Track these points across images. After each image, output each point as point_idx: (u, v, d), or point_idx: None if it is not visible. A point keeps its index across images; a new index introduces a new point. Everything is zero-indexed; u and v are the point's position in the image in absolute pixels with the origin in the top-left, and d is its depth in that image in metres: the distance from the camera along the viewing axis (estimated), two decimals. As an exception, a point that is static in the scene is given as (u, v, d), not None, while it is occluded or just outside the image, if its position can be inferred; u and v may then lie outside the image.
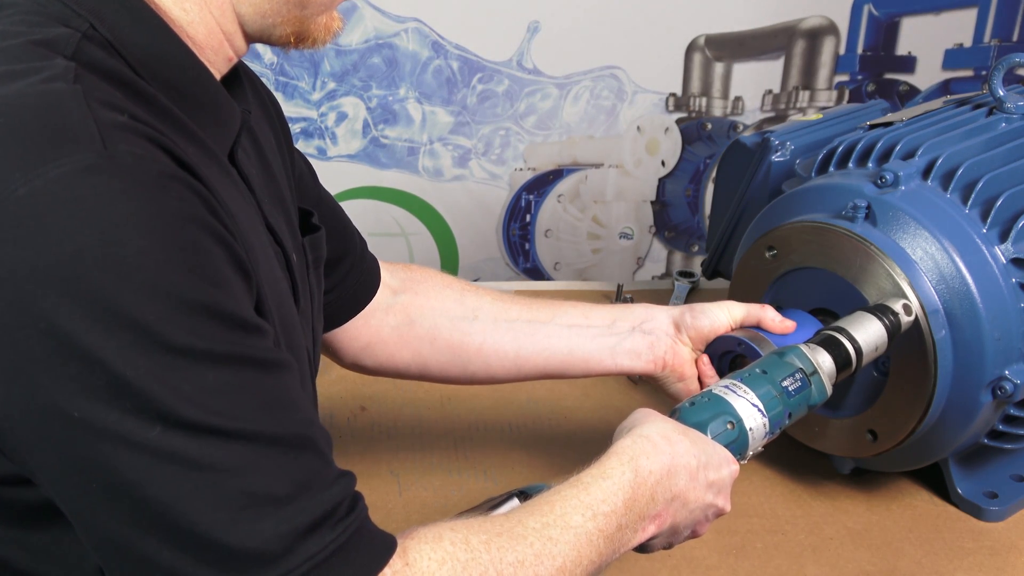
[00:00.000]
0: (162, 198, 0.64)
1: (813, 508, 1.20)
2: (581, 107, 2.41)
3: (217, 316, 0.65)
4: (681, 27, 2.38)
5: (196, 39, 0.77)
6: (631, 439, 0.84)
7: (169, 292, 0.62)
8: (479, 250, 2.52)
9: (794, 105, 2.48)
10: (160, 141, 0.67)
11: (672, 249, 2.61)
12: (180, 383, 0.63)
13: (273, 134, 0.96)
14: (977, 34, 2.43)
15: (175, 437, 0.62)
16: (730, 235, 1.38)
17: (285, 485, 0.66)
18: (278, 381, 0.69)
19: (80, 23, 0.71)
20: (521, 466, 1.27)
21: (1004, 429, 1.12)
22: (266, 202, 0.85)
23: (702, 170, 2.52)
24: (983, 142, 1.16)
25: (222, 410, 0.64)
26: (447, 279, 1.16)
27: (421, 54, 2.29)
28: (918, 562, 1.13)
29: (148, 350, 0.62)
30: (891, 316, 1.02)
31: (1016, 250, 1.06)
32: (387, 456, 1.28)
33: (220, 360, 0.65)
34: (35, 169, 0.62)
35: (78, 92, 0.65)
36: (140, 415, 0.62)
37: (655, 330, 1.10)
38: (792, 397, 0.93)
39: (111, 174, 0.63)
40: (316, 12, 0.80)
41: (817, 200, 1.14)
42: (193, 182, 0.67)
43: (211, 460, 0.63)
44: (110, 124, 0.65)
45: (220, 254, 0.67)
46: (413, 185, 2.42)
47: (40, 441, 0.64)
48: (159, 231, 0.63)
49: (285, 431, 0.67)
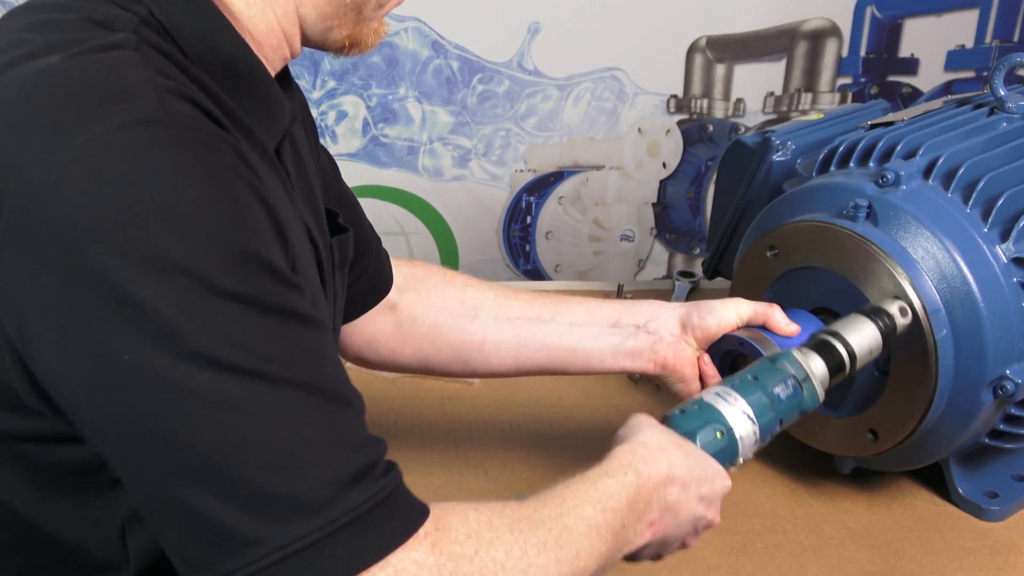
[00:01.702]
0: (213, 154, 0.66)
1: (813, 508, 1.20)
2: (582, 108, 2.41)
3: (265, 267, 0.66)
4: (682, 28, 2.38)
5: (255, 35, 0.78)
6: (630, 445, 0.85)
7: (221, 240, 0.64)
8: (479, 251, 2.52)
9: (796, 107, 2.48)
10: (210, 111, 0.69)
11: (673, 251, 2.61)
12: (230, 328, 0.63)
13: (307, 134, 0.97)
14: (979, 35, 2.43)
15: (223, 382, 0.63)
16: (731, 234, 1.38)
17: (329, 434, 0.67)
18: (318, 337, 0.70)
19: (139, 8, 0.72)
20: (521, 466, 1.27)
21: (1005, 429, 1.12)
22: (301, 201, 0.86)
23: (703, 172, 2.52)
24: (984, 142, 1.16)
25: (269, 356, 0.65)
26: (450, 275, 1.17)
27: (421, 54, 2.29)
28: (918, 562, 1.12)
29: (199, 295, 0.63)
30: (886, 319, 1.01)
31: (1017, 249, 1.06)
32: (387, 456, 1.28)
33: (267, 309, 0.65)
34: (95, 120, 0.63)
35: (137, 59, 0.68)
36: (190, 359, 0.62)
37: (659, 330, 1.09)
38: (783, 404, 0.92)
39: (167, 127, 0.65)
40: (370, 17, 0.83)
41: (818, 199, 1.14)
42: (238, 146, 0.69)
43: (258, 406, 0.64)
44: (167, 88, 0.67)
45: (263, 215, 0.68)
46: (413, 184, 2.42)
47: (91, 385, 0.64)
48: (212, 183, 0.65)
49: (326, 384, 0.68)
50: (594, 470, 0.82)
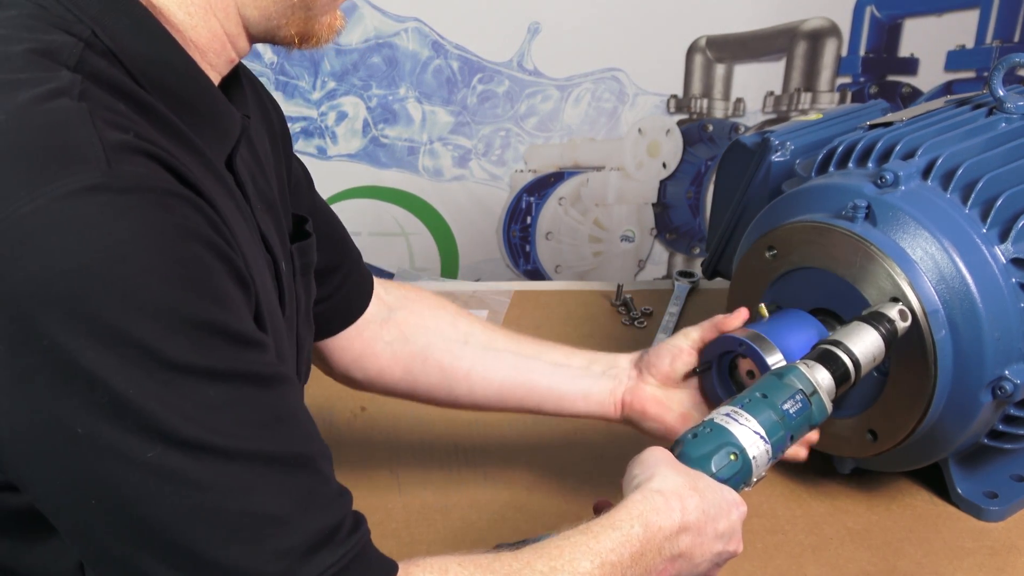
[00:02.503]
0: (164, 216, 0.64)
1: (813, 508, 1.20)
2: (582, 109, 2.41)
3: (218, 332, 0.65)
4: (682, 28, 2.38)
5: (198, 43, 0.77)
6: (642, 495, 0.84)
7: (171, 309, 0.63)
8: (479, 251, 2.52)
9: (796, 107, 2.48)
10: (163, 159, 0.67)
11: (673, 251, 2.61)
12: (181, 401, 0.63)
13: (270, 137, 0.96)
14: (979, 35, 2.43)
15: (175, 456, 0.62)
16: (730, 235, 1.38)
17: (284, 505, 0.66)
18: (278, 397, 0.69)
19: (82, 30, 0.71)
20: (521, 466, 1.27)
21: (1004, 429, 1.12)
22: (259, 209, 0.85)
23: (703, 172, 2.52)
24: (983, 142, 1.16)
25: (222, 428, 0.64)
26: (441, 301, 1.18)
27: (421, 54, 2.29)
28: (918, 562, 1.12)
29: (149, 368, 0.62)
30: (887, 323, 1.02)
31: (1016, 250, 1.06)
32: (387, 456, 1.28)
33: (220, 377, 0.65)
34: (40, 188, 0.62)
35: (83, 110, 0.66)
36: (141, 433, 0.62)
37: (618, 375, 1.12)
38: (793, 420, 0.92)
39: (115, 192, 0.63)
40: (320, 12, 0.81)
41: (817, 200, 1.14)
42: (195, 198, 0.68)
43: (210, 480, 0.63)
44: (115, 144, 0.65)
45: (221, 268, 0.67)
46: (413, 185, 2.43)
47: (40, 455, 0.64)
48: (161, 248, 0.63)
49: (284, 449, 0.67)
50: (601, 520, 0.82)
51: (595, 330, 1.58)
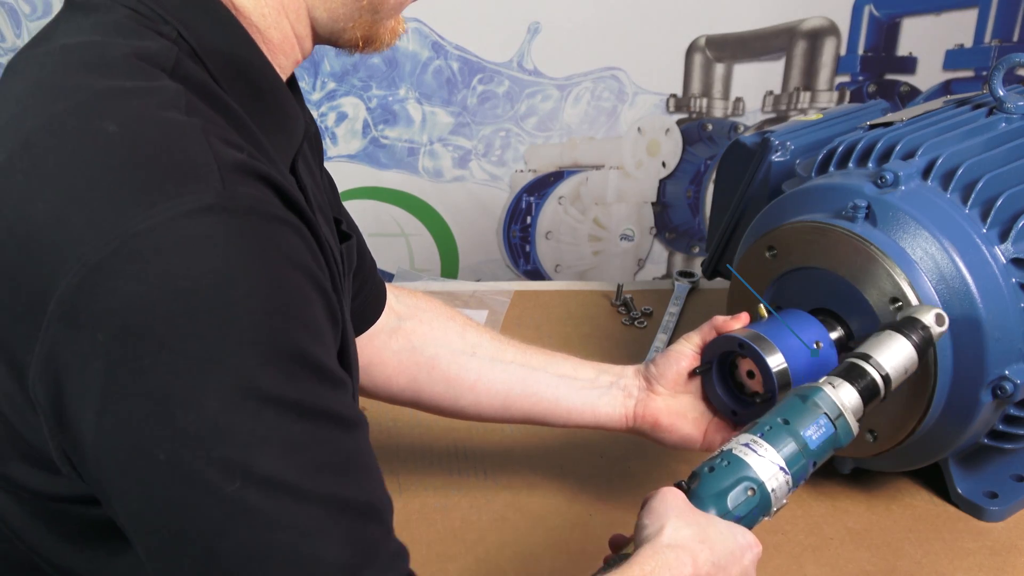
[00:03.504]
0: (273, 242, 0.65)
1: (813, 508, 1.20)
2: (582, 108, 2.41)
3: (309, 366, 0.65)
4: (682, 28, 2.38)
5: (271, 42, 0.78)
6: (653, 550, 0.82)
7: (269, 338, 0.63)
8: (479, 251, 2.52)
9: (795, 106, 2.48)
10: (273, 180, 0.67)
11: (673, 251, 2.61)
12: (266, 434, 0.63)
13: (311, 147, 0.97)
14: (978, 34, 2.43)
15: (253, 492, 0.62)
16: (730, 235, 1.38)
17: (352, 554, 0.66)
18: (355, 441, 0.69)
19: (169, 30, 0.71)
20: (521, 466, 1.27)
21: (1004, 429, 1.12)
22: (316, 211, 0.85)
23: (703, 171, 2.52)
24: (983, 142, 1.16)
25: (302, 467, 0.64)
26: (451, 312, 1.17)
27: (421, 54, 2.29)
28: (918, 562, 1.13)
29: (241, 397, 0.62)
30: (920, 331, 0.97)
31: (1016, 250, 1.06)
32: (387, 456, 1.28)
33: (306, 413, 0.65)
34: (156, 205, 0.62)
35: (196, 127, 0.66)
36: (223, 466, 0.62)
37: (627, 386, 1.11)
38: (816, 447, 0.88)
39: (229, 214, 0.63)
40: (386, 16, 0.81)
41: (817, 200, 1.14)
42: (299, 225, 0.68)
43: (284, 520, 0.63)
44: (229, 164, 0.65)
45: (318, 300, 0.68)
46: (413, 185, 2.43)
47: (121, 475, 0.64)
48: (267, 276, 0.63)
49: (357, 497, 0.67)
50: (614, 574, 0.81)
51: (595, 330, 1.58)
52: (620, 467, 1.27)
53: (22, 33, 2.23)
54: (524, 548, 1.15)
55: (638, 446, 1.21)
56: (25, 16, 2.22)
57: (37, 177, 0.64)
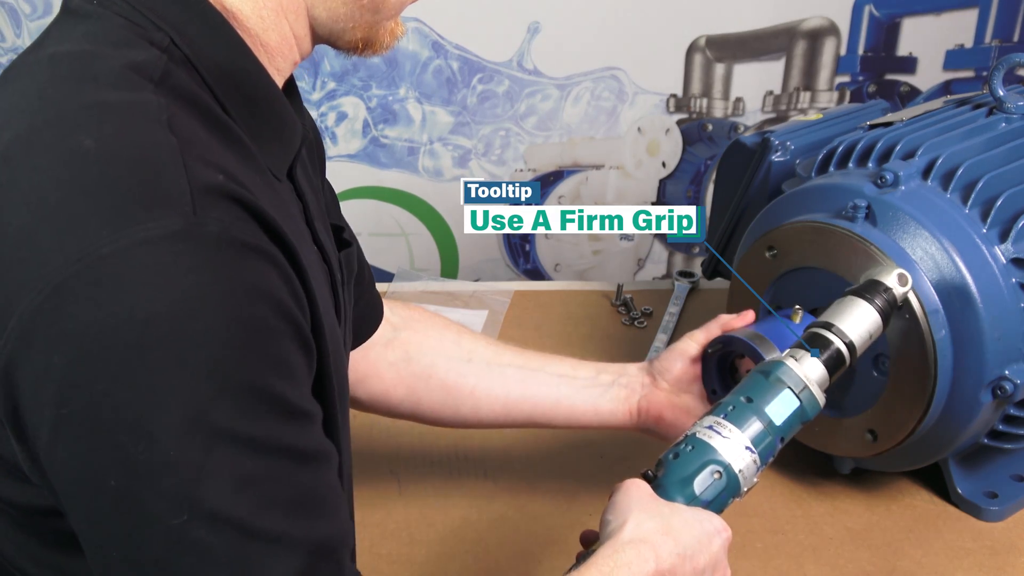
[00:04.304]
0: (237, 273, 0.64)
1: (813, 508, 1.20)
2: (582, 108, 2.41)
3: (267, 400, 0.64)
4: (682, 28, 2.38)
5: (268, 46, 0.77)
6: (612, 548, 0.81)
7: (225, 372, 0.62)
8: (479, 250, 2.52)
9: (795, 106, 2.48)
10: (249, 203, 0.66)
11: (673, 251, 2.61)
12: (216, 468, 0.62)
13: (310, 154, 0.96)
14: (978, 34, 2.43)
15: (197, 526, 0.62)
16: (730, 235, 1.38)
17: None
18: (314, 476, 0.68)
19: (161, 37, 0.71)
20: (521, 466, 1.27)
21: (1004, 429, 1.12)
22: (316, 219, 0.85)
23: (703, 171, 2.52)
24: (983, 142, 1.16)
25: (251, 504, 0.63)
26: (446, 321, 1.17)
27: (421, 54, 2.29)
28: (918, 562, 1.13)
29: (194, 429, 0.61)
30: (883, 293, 0.97)
31: (1016, 250, 1.06)
32: (387, 456, 1.28)
33: (260, 448, 0.64)
34: (122, 230, 0.61)
35: (174, 147, 0.65)
36: (171, 498, 0.61)
37: (630, 383, 1.11)
38: (783, 423, 0.87)
39: (196, 242, 0.62)
40: (387, 17, 0.81)
41: (817, 200, 1.14)
42: (274, 253, 0.67)
43: (228, 556, 0.63)
44: (203, 187, 0.64)
45: (286, 331, 0.66)
46: (413, 185, 2.42)
47: (74, 498, 0.64)
48: (227, 308, 0.63)
49: (307, 535, 0.67)
50: (574, 574, 0.80)
51: (595, 330, 1.58)
52: (620, 467, 1.27)
53: (22, 33, 2.23)
54: (524, 548, 1.15)
55: (638, 446, 1.21)
56: (25, 16, 2.22)
57: (13, 190, 0.64)
